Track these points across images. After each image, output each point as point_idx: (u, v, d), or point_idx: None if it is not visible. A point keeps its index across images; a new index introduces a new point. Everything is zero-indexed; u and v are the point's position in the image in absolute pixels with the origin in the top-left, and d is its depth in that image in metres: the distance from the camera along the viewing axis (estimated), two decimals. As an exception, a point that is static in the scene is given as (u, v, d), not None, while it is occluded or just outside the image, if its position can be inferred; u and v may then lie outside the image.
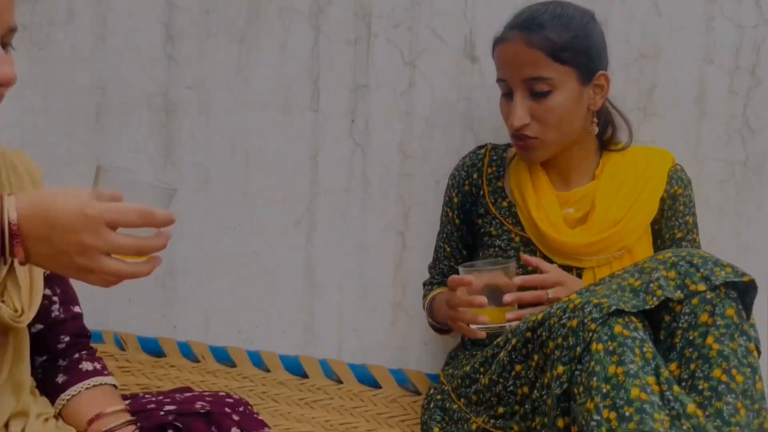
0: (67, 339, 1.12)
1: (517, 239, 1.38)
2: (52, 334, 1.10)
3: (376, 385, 1.65)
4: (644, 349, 0.96)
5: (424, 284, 1.58)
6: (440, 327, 1.48)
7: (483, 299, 1.16)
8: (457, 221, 1.48)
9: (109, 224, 0.79)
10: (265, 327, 1.77)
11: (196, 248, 1.77)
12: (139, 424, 1.06)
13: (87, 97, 1.78)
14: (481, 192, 1.44)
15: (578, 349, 0.96)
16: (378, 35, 1.65)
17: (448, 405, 1.24)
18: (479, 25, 1.60)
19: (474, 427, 1.12)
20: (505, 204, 1.41)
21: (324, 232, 1.74)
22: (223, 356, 1.74)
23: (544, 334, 1.01)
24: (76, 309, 1.15)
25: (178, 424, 1.08)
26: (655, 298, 0.98)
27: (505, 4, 1.56)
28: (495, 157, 1.46)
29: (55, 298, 1.10)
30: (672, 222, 1.36)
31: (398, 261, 1.71)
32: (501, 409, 1.08)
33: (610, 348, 0.94)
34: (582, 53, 1.28)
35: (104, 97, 1.78)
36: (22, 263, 0.78)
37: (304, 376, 1.68)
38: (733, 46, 1.52)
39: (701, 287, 0.99)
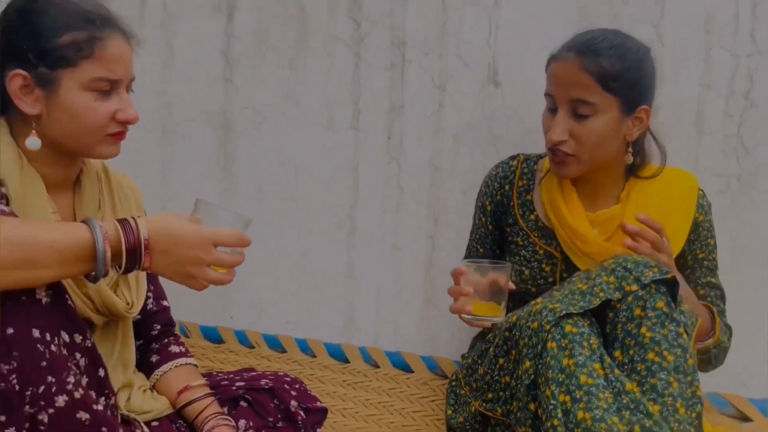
0: (158, 327, 1.36)
1: (541, 252, 1.46)
2: (147, 323, 1.34)
3: (408, 369, 1.86)
4: (590, 342, 1.15)
5: None
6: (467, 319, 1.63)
7: (469, 289, 1.26)
8: (490, 227, 1.56)
9: (215, 243, 1.03)
10: (311, 318, 1.99)
11: (251, 248, 1.99)
12: (217, 395, 1.30)
13: (154, 115, 1.98)
14: (511, 203, 1.51)
15: (539, 347, 1.16)
16: (411, 62, 1.84)
17: (458, 390, 1.43)
18: (501, 53, 1.79)
19: (473, 409, 1.32)
20: (532, 217, 1.48)
21: (363, 235, 1.94)
22: (274, 343, 1.96)
23: (516, 333, 1.21)
24: (165, 303, 1.39)
25: (248, 397, 1.33)
26: (597, 299, 1.17)
27: (525, 35, 1.76)
28: (526, 170, 1.52)
29: (150, 294, 1.34)
30: (695, 245, 1.44)
31: (428, 261, 1.91)
32: (490, 395, 1.28)
33: (563, 344, 1.13)
34: (629, 86, 1.31)
35: (170, 116, 2.00)
36: (145, 270, 1.02)
37: (346, 361, 1.89)
38: (728, 73, 1.68)
39: (634, 287, 1.17)
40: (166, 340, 1.35)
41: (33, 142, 1.09)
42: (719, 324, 1.40)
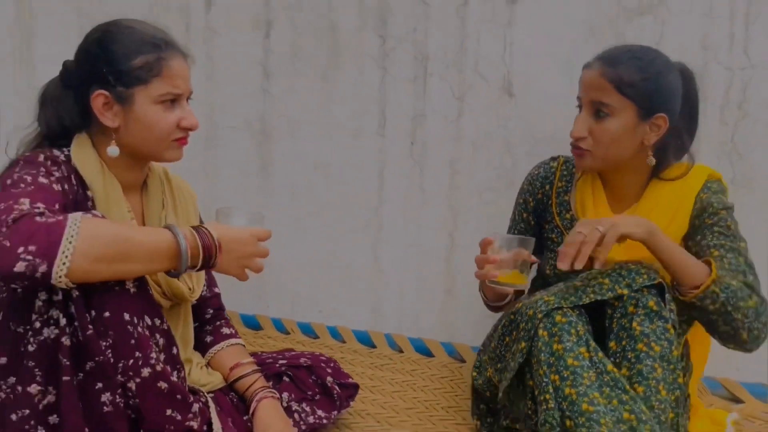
0: (211, 311, 1.56)
1: None
2: (201, 307, 1.54)
3: (429, 354, 2.04)
4: (578, 329, 1.33)
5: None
6: (490, 304, 1.72)
7: (495, 257, 1.39)
8: (532, 222, 1.67)
9: (258, 239, 1.22)
10: (340, 307, 2.18)
11: (286, 244, 2.18)
12: (263, 371, 1.50)
13: (199, 123, 2.18)
14: (550, 202, 1.63)
15: (532, 332, 1.34)
16: (433, 75, 2.01)
17: (482, 356, 1.60)
18: (515, 67, 1.95)
19: (488, 374, 1.51)
20: (568, 216, 1.60)
21: (388, 232, 2.12)
22: (307, 330, 2.15)
23: (518, 317, 1.39)
24: (216, 290, 1.58)
25: (290, 373, 1.52)
26: (588, 298, 1.34)
27: (536, 51, 1.93)
28: (565, 172, 1.63)
29: (204, 282, 1.53)
30: (702, 218, 1.48)
31: (448, 256, 2.09)
32: (498, 365, 1.47)
33: (553, 332, 1.32)
34: (645, 93, 1.43)
35: (212, 123, 2.19)
36: (213, 267, 1.21)
37: (373, 346, 2.08)
38: (723, 86, 1.84)
39: (625, 291, 1.34)
40: (218, 323, 1.55)
41: (113, 150, 1.29)
42: (715, 268, 1.40)
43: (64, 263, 1.04)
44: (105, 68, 1.26)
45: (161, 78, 1.28)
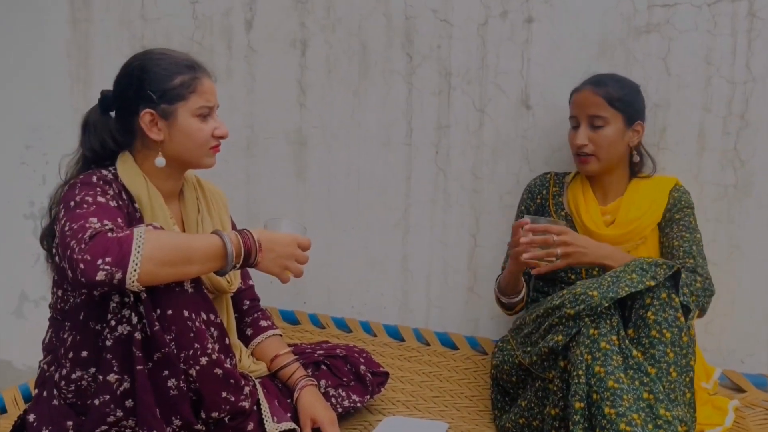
0: (247, 302, 1.74)
1: None
2: (238, 298, 1.71)
3: (454, 347, 2.19)
4: (612, 320, 1.51)
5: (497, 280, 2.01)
6: (503, 302, 1.93)
7: (527, 238, 1.64)
8: None
9: (297, 244, 1.40)
10: (372, 303, 2.35)
11: (321, 245, 2.33)
12: (301, 360, 1.68)
13: (240, 133, 2.35)
14: (547, 203, 1.94)
15: (574, 330, 1.50)
16: (456, 89, 2.17)
17: (506, 346, 1.77)
18: (533, 82, 2.10)
19: (517, 361, 1.68)
20: (563, 213, 1.91)
21: (415, 233, 2.28)
22: (341, 324, 2.32)
23: (556, 312, 1.55)
24: (250, 282, 1.77)
25: (327, 362, 1.70)
26: (623, 291, 1.51)
27: (552, 67, 2.07)
28: (557, 181, 1.97)
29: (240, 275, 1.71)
30: (671, 212, 1.84)
31: (471, 255, 2.24)
32: (528, 349, 1.64)
33: (593, 320, 1.49)
34: (628, 106, 1.82)
35: (252, 133, 2.37)
36: (255, 265, 1.40)
37: (401, 340, 2.24)
38: (726, 98, 1.96)
39: (652, 282, 1.51)
40: (255, 315, 1.73)
41: (160, 161, 1.47)
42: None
43: (135, 270, 1.22)
44: (149, 89, 1.44)
45: (197, 94, 1.47)
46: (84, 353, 1.35)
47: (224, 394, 1.38)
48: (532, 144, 2.13)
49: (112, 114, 1.51)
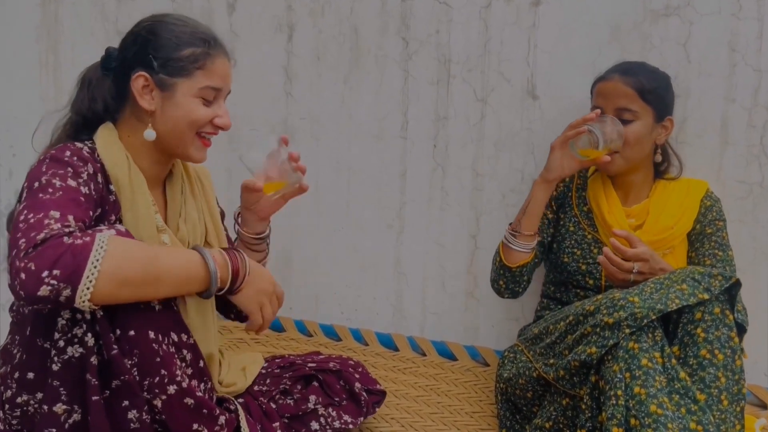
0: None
1: (589, 237, 1.73)
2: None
3: (452, 357, 2.05)
4: (655, 334, 1.33)
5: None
6: (512, 246, 1.74)
7: (592, 115, 1.60)
8: (550, 215, 1.79)
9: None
10: (363, 309, 2.20)
11: (308, 246, 2.20)
12: (289, 373, 1.52)
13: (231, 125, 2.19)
14: (570, 194, 1.80)
15: (611, 341, 1.32)
16: (456, 77, 2.01)
17: (518, 357, 1.60)
18: (539, 70, 1.94)
19: (535, 374, 1.50)
20: (585, 208, 1.77)
21: (410, 234, 2.13)
22: (330, 332, 2.17)
23: (590, 319, 1.37)
24: None
25: (319, 377, 1.53)
26: (673, 304, 1.33)
27: (561, 53, 1.91)
28: (581, 174, 1.81)
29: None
30: (703, 225, 1.70)
31: (470, 258, 2.09)
32: (551, 361, 1.46)
33: (632, 334, 1.31)
34: (660, 99, 1.65)
35: (235, 126, 2.17)
36: (234, 294, 1.24)
37: (395, 349, 2.09)
38: (751, 88, 1.81)
39: (706, 296, 1.34)
40: None
41: (149, 133, 1.29)
42: None
43: (87, 288, 1.04)
44: (152, 53, 1.28)
45: (204, 72, 1.30)
46: (30, 375, 1.17)
47: (195, 426, 1.21)
48: (539, 137, 1.97)
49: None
